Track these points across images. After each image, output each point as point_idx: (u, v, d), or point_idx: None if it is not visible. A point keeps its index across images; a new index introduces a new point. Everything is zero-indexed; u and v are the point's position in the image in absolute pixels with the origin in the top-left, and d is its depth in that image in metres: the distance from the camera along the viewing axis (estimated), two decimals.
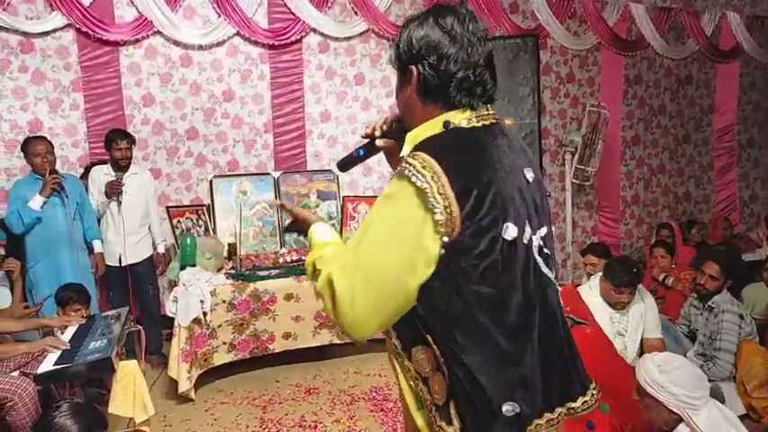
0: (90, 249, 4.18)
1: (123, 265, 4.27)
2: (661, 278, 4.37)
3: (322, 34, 5.33)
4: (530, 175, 1.27)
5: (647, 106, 6.70)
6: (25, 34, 4.49)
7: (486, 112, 1.28)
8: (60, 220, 3.90)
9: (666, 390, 2.21)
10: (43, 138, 4.04)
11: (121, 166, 4.21)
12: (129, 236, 4.25)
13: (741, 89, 7.06)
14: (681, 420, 2.21)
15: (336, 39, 5.37)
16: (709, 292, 3.37)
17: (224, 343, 3.87)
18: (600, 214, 6.61)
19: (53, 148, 4.00)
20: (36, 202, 3.79)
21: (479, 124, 1.25)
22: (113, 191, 4.14)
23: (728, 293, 3.39)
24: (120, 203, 4.17)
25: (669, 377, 2.22)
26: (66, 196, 3.90)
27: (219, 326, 3.84)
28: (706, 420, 2.18)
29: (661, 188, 6.94)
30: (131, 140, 4.29)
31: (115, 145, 4.19)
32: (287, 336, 4.01)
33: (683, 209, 7.07)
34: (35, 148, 3.86)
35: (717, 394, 2.69)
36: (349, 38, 5.43)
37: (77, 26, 4.55)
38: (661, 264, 4.55)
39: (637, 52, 6.46)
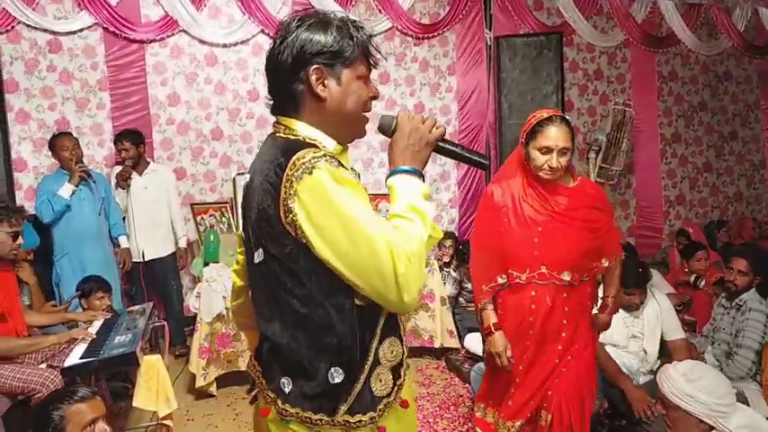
0: (115, 245, 4.43)
1: (146, 260, 4.49)
2: (692, 279, 4.39)
3: None
4: (248, 179, 1.43)
5: (686, 102, 6.70)
6: (53, 34, 4.71)
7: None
8: (87, 214, 4.16)
9: (696, 399, 2.18)
10: (69, 133, 4.35)
11: (126, 165, 4.45)
12: (151, 232, 4.49)
13: None
14: (711, 429, 2.19)
15: None
16: (738, 289, 3.39)
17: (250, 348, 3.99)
18: (639, 215, 6.62)
19: (79, 143, 4.29)
20: (65, 190, 4.04)
21: None
22: (122, 177, 4.39)
23: (757, 293, 3.39)
24: (129, 189, 4.40)
25: (697, 386, 2.19)
26: (95, 182, 4.18)
27: None
28: (738, 424, 2.17)
29: (709, 187, 6.92)
30: (135, 140, 4.48)
31: (120, 145, 4.47)
32: None
33: (735, 209, 7.03)
34: (62, 143, 4.17)
35: (740, 398, 2.69)
36: (373, 36, 5.55)
37: (105, 26, 4.76)
38: (699, 267, 4.60)
39: (668, 48, 6.49)
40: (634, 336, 3.44)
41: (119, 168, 4.56)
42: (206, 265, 4.27)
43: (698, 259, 4.69)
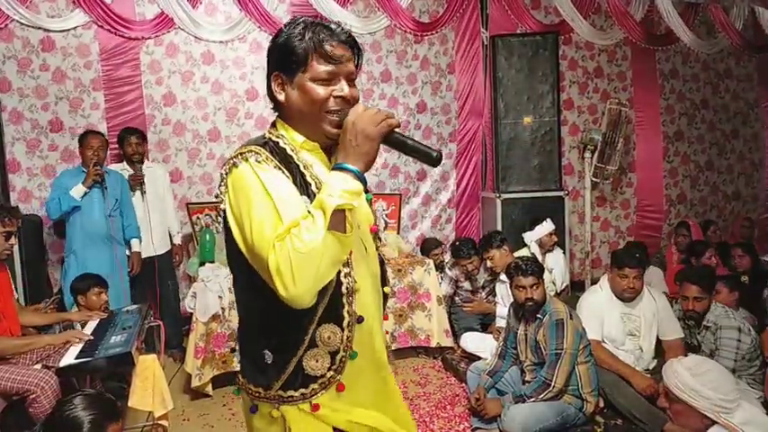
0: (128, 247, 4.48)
1: (145, 257, 4.54)
2: None
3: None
4: None
5: (688, 100, 6.75)
6: (46, 32, 4.73)
7: None
8: (96, 216, 4.21)
9: (700, 394, 2.25)
10: (101, 134, 4.45)
11: (134, 161, 4.56)
12: (147, 230, 4.53)
13: None
14: (712, 424, 2.26)
15: (360, 34, 5.49)
16: (699, 314, 3.46)
17: None
18: (639, 214, 6.68)
19: (107, 145, 4.42)
20: (77, 190, 4.12)
21: None
22: (135, 182, 4.48)
23: (721, 306, 3.48)
24: (144, 193, 4.51)
25: (702, 380, 2.27)
26: (106, 188, 4.23)
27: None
28: (741, 420, 2.24)
29: (709, 186, 6.97)
30: (141, 136, 4.65)
31: (126, 141, 4.56)
32: None
33: (732, 208, 7.08)
34: (90, 141, 4.28)
35: None
36: (374, 33, 5.59)
37: (99, 24, 4.79)
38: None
39: (668, 46, 6.55)
40: (631, 333, 3.51)
41: (117, 166, 4.62)
42: (202, 264, 4.33)
43: (732, 256, 4.82)
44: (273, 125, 1.53)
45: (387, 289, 1.64)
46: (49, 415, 2.08)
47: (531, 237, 4.78)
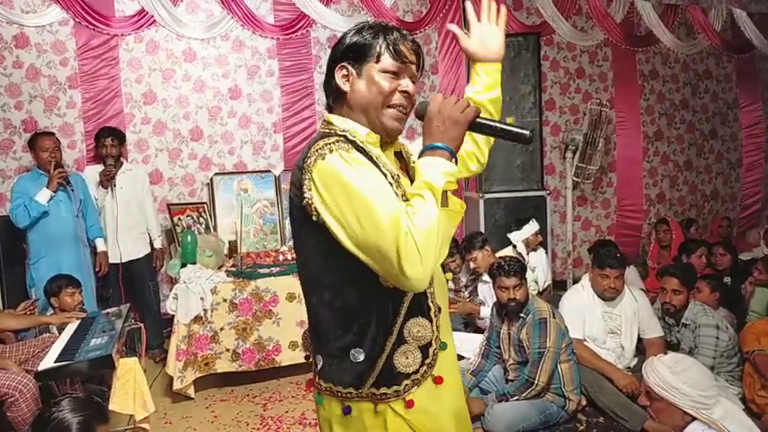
0: (93, 248, 4.44)
1: (123, 261, 4.50)
2: None
3: (331, 29, 5.46)
4: None
5: (668, 101, 6.86)
6: (21, 28, 4.63)
7: None
8: (64, 216, 4.16)
9: (681, 391, 2.29)
10: (52, 134, 4.35)
11: (107, 163, 4.48)
12: (126, 232, 4.51)
13: (762, 84, 7.24)
14: (692, 421, 2.30)
15: None
16: (677, 309, 3.55)
17: (227, 350, 4.04)
18: (619, 213, 6.77)
19: (60, 144, 4.30)
20: (43, 195, 4.05)
21: None
22: (106, 176, 4.42)
23: (699, 304, 3.57)
24: (113, 188, 4.44)
25: (682, 378, 2.31)
26: (72, 190, 4.18)
27: (222, 329, 4.02)
28: (720, 415, 2.29)
29: (688, 186, 7.09)
30: (117, 137, 4.57)
31: (100, 142, 4.51)
32: (293, 345, 4.16)
33: (710, 207, 7.21)
34: (43, 142, 4.17)
35: None
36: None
37: (77, 20, 4.72)
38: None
39: (648, 47, 6.65)
40: (612, 332, 3.57)
41: (95, 167, 4.58)
42: (183, 266, 4.31)
43: (714, 254, 4.89)
44: (327, 122, 1.53)
45: (449, 275, 1.66)
46: (38, 417, 2.09)
47: (518, 236, 4.84)
